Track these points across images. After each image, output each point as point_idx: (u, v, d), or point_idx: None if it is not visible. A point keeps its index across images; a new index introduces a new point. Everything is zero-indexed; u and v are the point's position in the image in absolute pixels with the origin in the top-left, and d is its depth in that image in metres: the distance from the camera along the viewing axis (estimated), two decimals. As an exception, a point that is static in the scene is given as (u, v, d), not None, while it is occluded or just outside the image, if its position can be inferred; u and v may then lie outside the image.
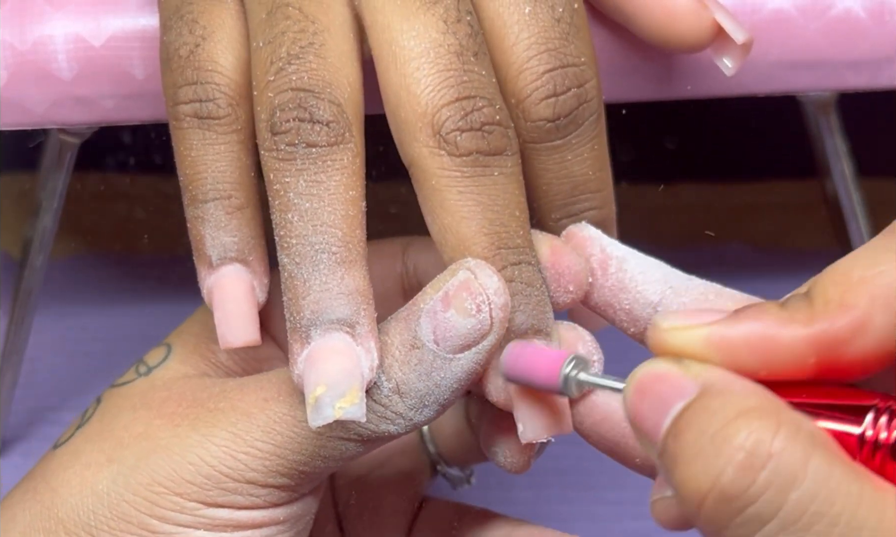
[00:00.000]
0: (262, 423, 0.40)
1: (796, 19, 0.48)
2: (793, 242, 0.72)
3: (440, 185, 0.39)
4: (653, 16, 0.44)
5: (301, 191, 0.39)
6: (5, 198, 0.72)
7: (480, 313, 0.39)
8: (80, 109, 0.49)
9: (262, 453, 0.40)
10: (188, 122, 0.41)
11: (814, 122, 0.59)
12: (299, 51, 0.39)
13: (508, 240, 0.40)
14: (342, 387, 0.38)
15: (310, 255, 0.39)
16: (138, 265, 0.72)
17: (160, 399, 0.43)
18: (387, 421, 0.40)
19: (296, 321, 0.39)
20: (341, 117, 0.39)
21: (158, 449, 0.41)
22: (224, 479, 0.41)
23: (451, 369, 0.39)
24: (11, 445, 0.65)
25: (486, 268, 0.39)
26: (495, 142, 0.39)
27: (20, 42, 0.48)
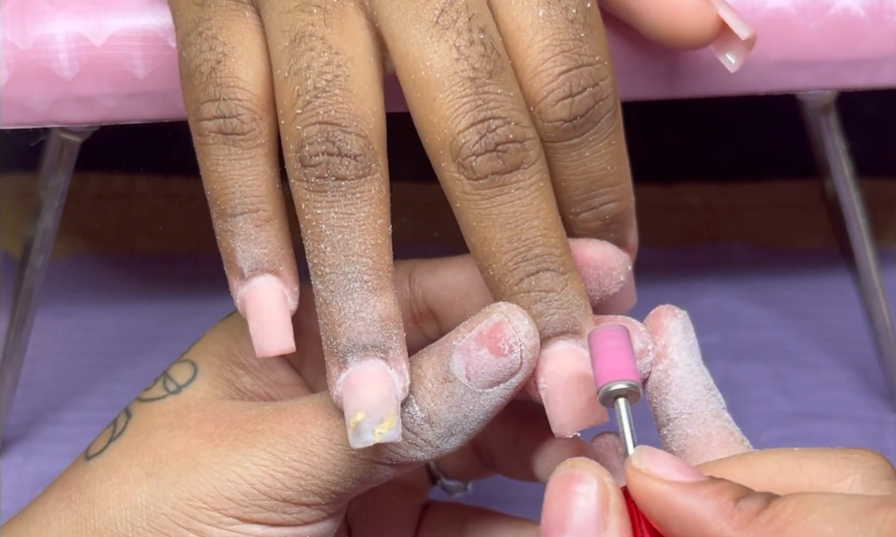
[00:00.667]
0: (300, 445, 0.43)
1: (796, 18, 0.48)
2: (792, 242, 0.72)
3: (464, 208, 0.42)
4: (657, 12, 0.44)
5: (333, 223, 0.41)
6: (6, 198, 0.72)
7: (512, 354, 0.41)
8: (81, 109, 0.49)
9: (299, 473, 0.42)
10: (213, 137, 0.42)
11: (813, 122, 0.59)
12: (325, 85, 0.41)
13: (526, 253, 0.42)
14: (380, 412, 0.41)
15: (343, 284, 0.41)
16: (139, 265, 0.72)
17: (196, 419, 0.45)
18: (416, 448, 0.42)
19: (332, 346, 0.42)
20: (368, 149, 0.41)
21: (199, 466, 0.43)
22: (261, 497, 0.43)
23: (479, 402, 0.42)
24: (12, 445, 0.65)
25: (517, 313, 0.42)
26: (510, 159, 0.41)
27: (21, 41, 0.48)
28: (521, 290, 0.42)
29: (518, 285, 0.42)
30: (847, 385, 0.66)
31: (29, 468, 0.64)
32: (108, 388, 0.67)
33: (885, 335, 0.64)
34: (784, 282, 0.71)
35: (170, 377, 0.47)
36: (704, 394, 0.43)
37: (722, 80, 0.49)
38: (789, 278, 0.71)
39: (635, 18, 0.45)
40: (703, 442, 0.42)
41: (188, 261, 0.72)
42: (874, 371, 0.66)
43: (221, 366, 0.47)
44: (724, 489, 0.36)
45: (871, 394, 0.66)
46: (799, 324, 0.69)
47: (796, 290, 0.71)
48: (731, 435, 0.42)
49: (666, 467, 0.37)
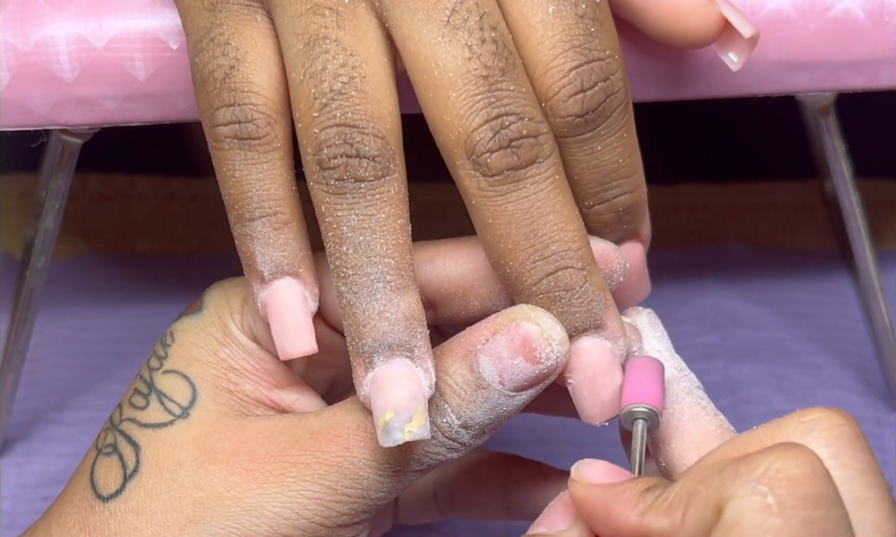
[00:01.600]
0: (349, 473, 0.43)
1: (795, 20, 0.48)
2: (792, 242, 0.72)
3: (479, 205, 0.42)
4: (660, 10, 0.44)
5: (354, 225, 0.41)
6: (7, 199, 0.72)
7: (548, 361, 0.42)
8: (82, 110, 0.49)
9: (351, 499, 0.43)
10: (229, 143, 0.43)
11: (813, 123, 0.59)
12: (342, 87, 0.41)
13: (543, 250, 0.42)
14: (409, 411, 0.41)
15: (366, 285, 0.42)
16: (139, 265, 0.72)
17: (224, 451, 0.44)
18: (452, 451, 0.43)
19: (358, 347, 0.42)
20: (385, 150, 0.41)
21: (250, 509, 0.43)
22: (318, 528, 0.43)
23: (513, 402, 0.43)
24: (12, 445, 0.65)
25: (547, 319, 0.42)
26: (525, 154, 0.41)
27: (22, 43, 0.48)
28: (541, 291, 0.42)
29: (537, 285, 0.42)
30: (847, 385, 0.66)
31: (29, 468, 0.64)
32: (108, 388, 0.67)
33: (884, 335, 0.64)
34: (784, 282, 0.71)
35: (165, 395, 0.46)
36: (676, 375, 0.44)
37: (722, 82, 0.49)
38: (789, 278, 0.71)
39: (638, 17, 0.45)
40: (676, 417, 0.43)
41: (188, 261, 0.72)
42: (874, 371, 0.66)
43: (216, 376, 0.46)
44: (634, 484, 0.38)
45: (871, 394, 0.66)
46: (799, 324, 0.69)
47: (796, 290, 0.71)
48: (703, 410, 0.43)
49: (598, 474, 0.39)
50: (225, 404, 0.46)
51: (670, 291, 0.69)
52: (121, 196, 0.73)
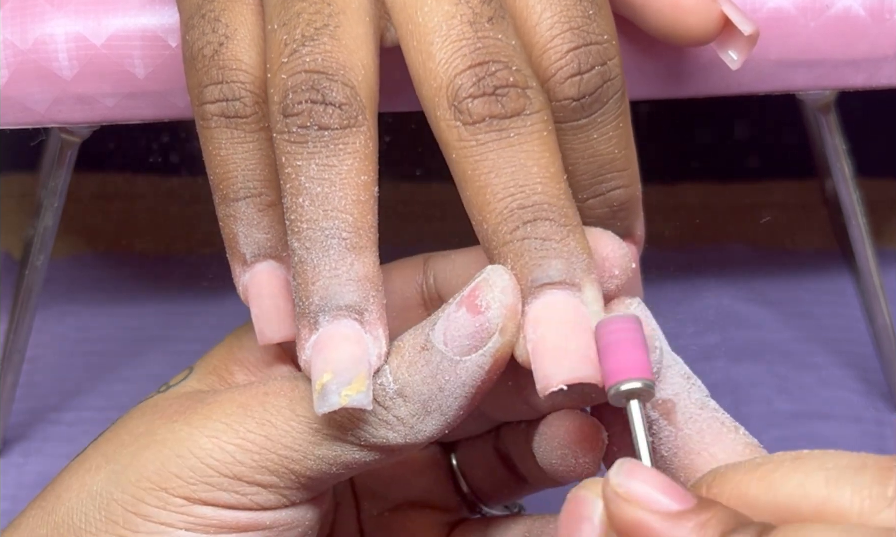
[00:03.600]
0: (257, 415, 0.40)
1: (796, 18, 0.48)
2: (793, 242, 0.72)
3: (459, 157, 0.39)
4: (660, 8, 0.44)
5: (312, 175, 0.39)
6: (6, 198, 0.72)
7: (489, 310, 0.38)
8: (81, 108, 0.49)
9: (253, 445, 0.40)
10: (215, 121, 0.41)
11: (813, 122, 0.59)
12: (314, 32, 0.39)
13: (524, 200, 0.38)
14: (349, 374, 0.38)
15: (320, 240, 0.38)
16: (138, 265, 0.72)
17: (165, 405, 0.42)
18: (387, 426, 0.39)
19: (304, 306, 0.39)
20: (354, 100, 0.39)
21: (152, 444, 0.41)
22: (210, 472, 0.40)
23: (456, 372, 0.38)
24: (11, 445, 0.65)
25: (499, 269, 0.38)
26: (510, 104, 0.39)
27: (21, 41, 0.48)
28: (516, 238, 0.38)
29: (512, 233, 0.38)
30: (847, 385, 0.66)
31: (29, 468, 0.65)
32: (107, 388, 0.67)
33: (885, 335, 0.64)
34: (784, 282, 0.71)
35: (166, 383, 0.45)
36: (685, 386, 0.40)
37: (722, 80, 0.49)
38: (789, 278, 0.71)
39: (638, 14, 0.45)
40: (695, 439, 0.39)
41: (188, 261, 0.72)
42: (874, 371, 0.66)
43: (217, 365, 0.45)
44: (712, 521, 0.32)
45: (871, 394, 0.66)
46: (799, 324, 0.69)
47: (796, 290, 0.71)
48: (722, 426, 0.39)
49: (649, 488, 0.33)
50: (207, 384, 0.44)
51: (670, 291, 0.69)
52: (120, 195, 0.73)
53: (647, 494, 0.33)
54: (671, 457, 0.39)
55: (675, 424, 0.39)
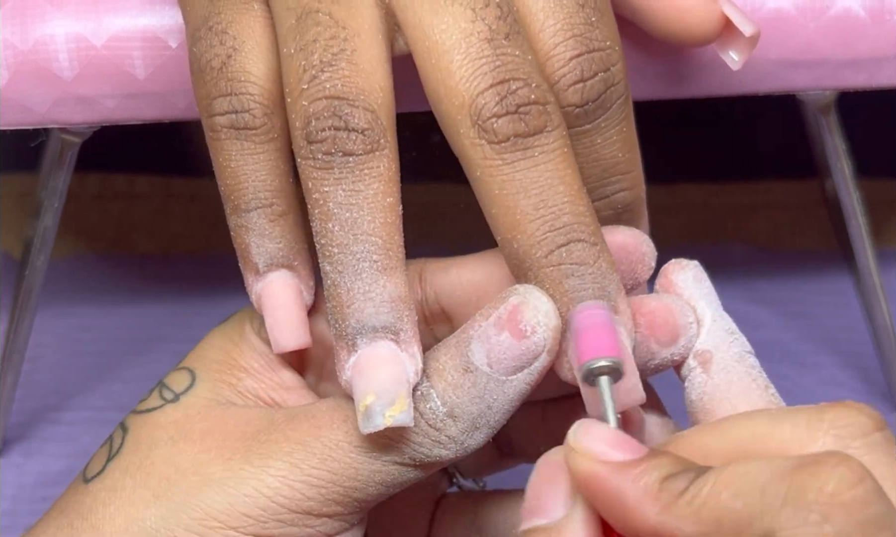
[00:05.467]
0: (318, 451, 0.41)
1: (796, 18, 0.48)
2: (793, 242, 0.72)
3: (484, 175, 0.40)
4: (660, 8, 0.44)
5: (340, 201, 0.40)
6: (6, 198, 0.72)
7: (535, 335, 0.39)
8: (81, 109, 0.49)
9: (319, 481, 0.41)
10: (225, 133, 0.42)
11: (813, 122, 0.59)
12: (331, 58, 0.40)
13: (554, 221, 0.40)
14: (391, 395, 0.39)
15: (352, 264, 0.40)
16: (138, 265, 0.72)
17: (200, 431, 0.43)
18: (440, 446, 0.40)
19: (341, 329, 0.40)
20: (376, 124, 0.40)
21: (211, 483, 0.41)
22: (281, 510, 0.41)
23: (503, 391, 0.40)
24: (11, 445, 0.65)
25: (535, 292, 0.40)
26: (533, 121, 0.39)
27: (21, 41, 0.48)
28: (551, 264, 0.40)
29: (547, 258, 0.40)
30: (847, 385, 0.66)
31: (29, 468, 0.64)
32: (107, 388, 0.67)
33: (885, 335, 0.64)
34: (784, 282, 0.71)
35: (166, 386, 0.45)
36: (726, 338, 0.41)
37: (722, 81, 0.49)
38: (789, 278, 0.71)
39: (639, 14, 0.45)
40: (722, 388, 0.40)
41: (188, 261, 0.72)
42: (874, 371, 0.66)
43: (221, 370, 0.45)
44: (653, 467, 0.35)
45: (871, 393, 0.66)
46: (799, 324, 0.69)
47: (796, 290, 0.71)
48: (753, 382, 0.40)
49: (602, 444, 0.36)
50: (220, 394, 0.45)
51: (670, 291, 0.68)
52: (120, 196, 0.73)
53: (598, 448, 0.35)
54: (697, 401, 0.41)
55: (709, 372, 0.41)
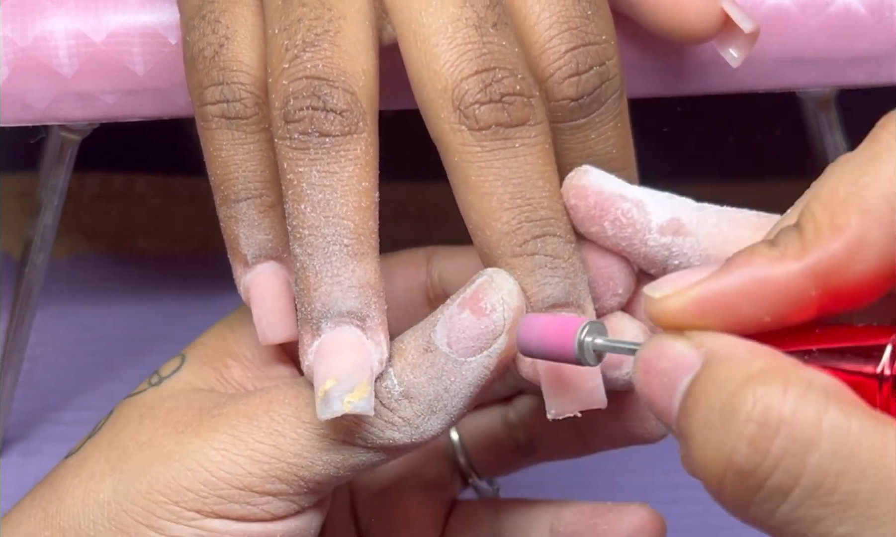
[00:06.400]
0: (264, 425, 0.40)
1: (796, 15, 0.48)
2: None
3: (462, 161, 0.39)
4: (659, 5, 0.44)
5: (314, 181, 0.39)
6: (6, 198, 0.72)
7: (494, 313, 0.39)
8: (81, 105, 0.49)
9: (262, 455, 0.40)
10: (216, 122, 0.41)
11: (813, 119, 0.59)
12: (314, 38, 0.39)
13: (531, 213, 0.39)
14: (352, 380, 0.38)
15: (322, 247, 0.39)
16: (138, 265, 0.72)
17: (167, 409, 0.43)
18: (393, 428, 0.40)
19: (307, 312, 0.39)
20: (355, 106, 0.39)
21: (160, 457, 0.41)
22: (221, 485, 0.40)
23: (461, 373, 0.39)
24: (11, 445, 0.65)
25: (502, 273, 0.39)
26: (516, 112, 0.39)
27: (21, 38, 0.48)
28: (526, 252, 0.39)
29: (522, 247, 0.39)
30: (847, 385, 0.66)
31: (28, 468, 0.64)
32: (107, 388, 0.67)
33: (885, 334, 0.63)
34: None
35: (157, 372, 0.45)
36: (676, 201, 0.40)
37: (722, 78, 0.49)
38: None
39: (637, 11, 0.45)
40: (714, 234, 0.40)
41: (188, 261, 0.72)
42: (875, 370, 0.66)
43: (212, 356, 0.45)
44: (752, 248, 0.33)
45: (871, 393, 0.66)
46: (799, 324, 0.69)
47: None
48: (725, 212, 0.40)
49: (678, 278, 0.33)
50: (202, 379, 0.45)
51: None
52: (120, 195, 0.73)
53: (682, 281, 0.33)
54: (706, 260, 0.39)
55: (689, 233, 0.39)
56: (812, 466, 0.30)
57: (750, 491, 0.30)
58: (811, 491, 0.30)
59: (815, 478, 0.30)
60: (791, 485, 0.30)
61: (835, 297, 0.32)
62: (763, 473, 0.30)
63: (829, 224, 0.32)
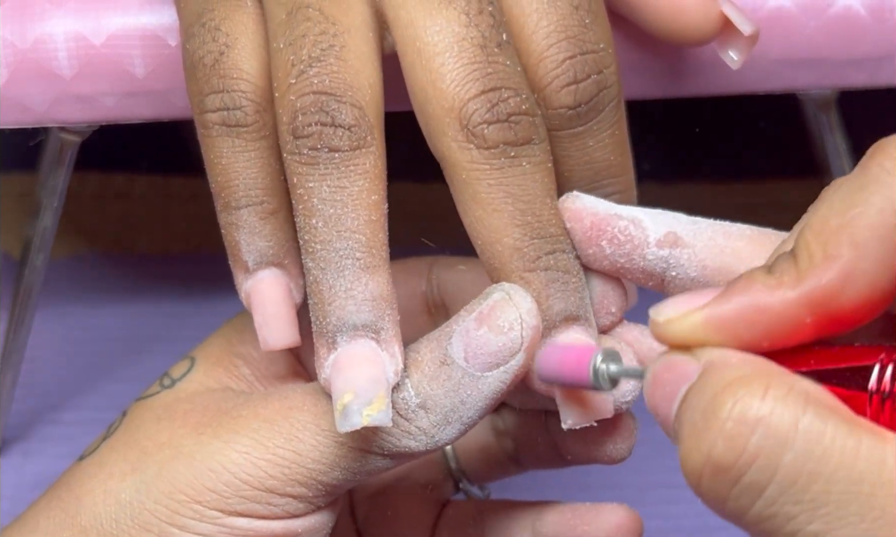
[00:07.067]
0: (284, 430, 0.41)
1: (797, 17, 0.48)
2: (793, 242, 0.72)
3: (470, 179, 0.40)
4: (659, 7, 0.44)
5: (325, 197, 0.40)
6: (5, 198, 0.72)
7: (512, 331, 0.40)
8: (81, 107, 0.49)
9: (283, 460, 0.41)
10: (217, 130, 0.42)
11: (814, 121, 0.59)
12: (320, 53, 0.40)
13: (541, 230, 0.40)
14: (369, 394, 0.39)
15: (334, 261, 0.40)
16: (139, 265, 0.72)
17: (184, 410, 0.44)
18: (409, 436, 0.41)
19: (322, 326, 0.40)
20: (363, 121, 0.40)
21: (181, 456, 0.42)
22: (244, 486, 0.41)
23: (477, 387, 0.40)
24: (11, 445, 0.65)
25: (520, 290, 0.40)
26: (522, 131, 0.40)
27: (21, 40, 0.48)
28: (539, 268, 0.40)
29: (535, 262, 0.40)
30: (848, 385, 0.66)
31: (28, 468, 0.64)
32: (107, 388, 0.67)
33: (885, 335, 0.63)
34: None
35: (167, 374, 0.46)
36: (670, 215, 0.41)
37: (722, 79, 0.49)
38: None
39: (637, 13, 0.45)
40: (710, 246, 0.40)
41: (188, 261, 0.72)
42: (875, 371, 0.66)
43: (220, 356, 0.46)
44: (751, 274, 0.34)
45: (871, 393, 0.66)
46: (799, 324, 0.69)
47: (797, 290, 0.70)
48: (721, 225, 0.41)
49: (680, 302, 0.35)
50: (216, 379, 0.45)
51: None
52: (120, 195, 0.73)
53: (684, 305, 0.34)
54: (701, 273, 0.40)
55: (686, 245, 0.40)
56: (786, 464, 0.31)
57: (726, 486, 0.32)
58: (784, 488, 0.31)
59: (789, 477, 0.31)
60: (765, 482, 0.31)
61: (829, 322, 0.34)
62: (739, 469, 0.31)
63: (821, 255, 0.33)
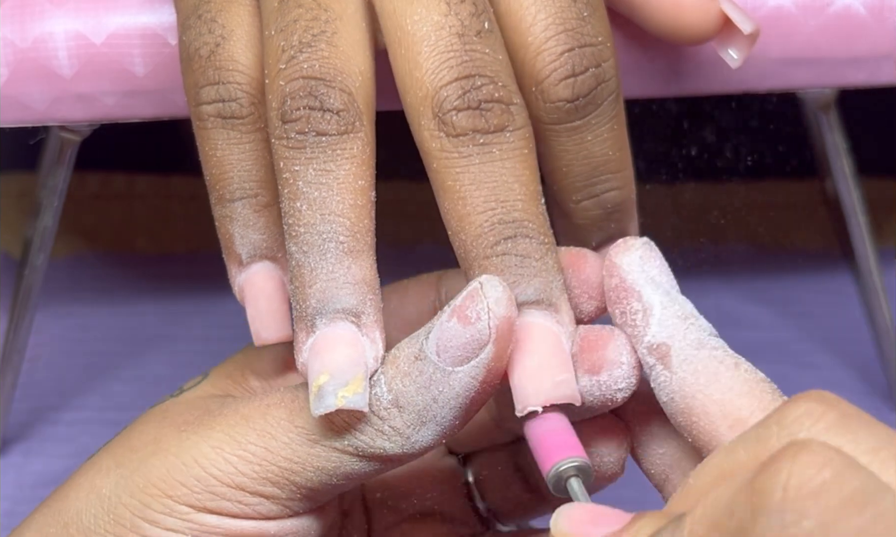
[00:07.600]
0: (258, 427, 0.40)
1: (796, 16, 0.48)
2: (793, 242, 0.72)
3: (440, 167, 0.39)
4: (658, 6, 0.44)
5: (310, 179, 0.39)
6: (6, 198, 0.72)
7: (479, 322, 0.38)
8: (81, 107, 0.49)
9: (254, 456, 0.40)
10: (212, 122, 0.42)
11: (814, 120, 0.59)
12: (311, 39, 0.39)
13: (504, 215, 0.39)
14: (346, 376, 0.38)
15: (317, 244, 0.39)
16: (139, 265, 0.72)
17: (177, 412, 0.43)
18: (383, 436, 0.39)
19: (301, 310, 0.39)
20: (352, 106, 0.39)
21: (160, 452, 0.41)
22: (214, 482, 0.40)
23: (449, 383, 0.38)
24: (11, 445, 0.65)
25: (492, 280, 0.38)
26: (494, 119, 0.39)
27: (21, 39, 0.48)
28: (496, 253, 0.39)
29: (493, 248, 0.39)
30: (847, 385, 0.66)
31: (28, 468, 0.64)
32: (107, 388, 0.67)
33: (885, 335, 0.64)
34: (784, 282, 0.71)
35: (180, 387, 0.45)
36: (680, 326, 0.39)
37: (722, 78, 0.49)
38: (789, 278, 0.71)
39: (636, 12, 0.45)
40: (690, 382, 0.38)
41: (188, 261, 0.72)
42: (874, 371, 0.66)
43: (231, 369, 0.45)
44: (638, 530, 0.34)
45: (871, 393, 0.66)
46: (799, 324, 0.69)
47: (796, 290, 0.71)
48: (720, 365, 0.39)
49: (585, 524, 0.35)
50: (221, 388, 0.45)
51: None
52: (120, 195, 0.73)
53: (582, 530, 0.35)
54: (669, 402, 0.39)
55: (671, 368, 0.39)
56: None
57: None
58: None
59: None
60: None
61: None
62: None
63: None
